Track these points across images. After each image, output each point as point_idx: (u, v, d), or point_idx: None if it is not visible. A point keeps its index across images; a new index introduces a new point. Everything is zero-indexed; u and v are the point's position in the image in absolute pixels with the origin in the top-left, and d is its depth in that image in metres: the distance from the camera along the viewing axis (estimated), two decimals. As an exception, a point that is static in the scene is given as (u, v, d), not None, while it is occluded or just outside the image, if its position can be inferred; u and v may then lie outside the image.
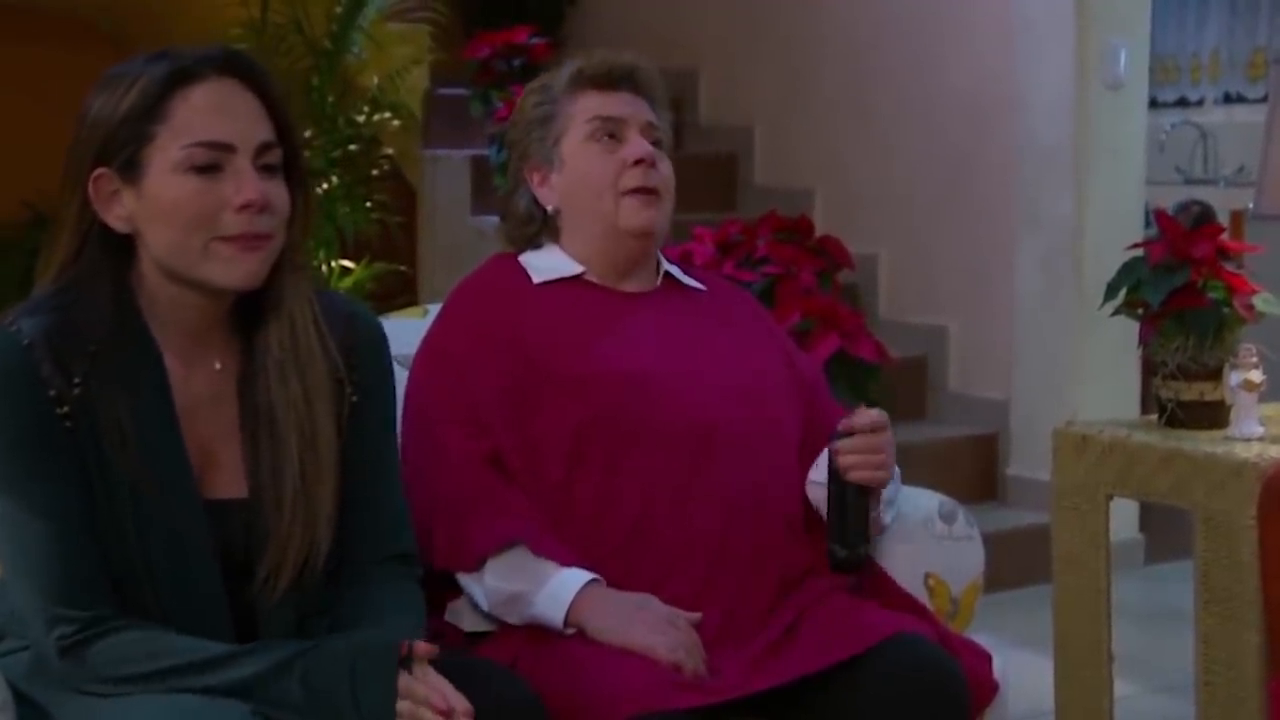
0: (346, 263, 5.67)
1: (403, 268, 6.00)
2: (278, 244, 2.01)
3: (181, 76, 1.96)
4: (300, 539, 2.01)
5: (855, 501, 2.40)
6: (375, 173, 5.83)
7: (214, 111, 1.96)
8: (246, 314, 2.06)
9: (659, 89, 2.60)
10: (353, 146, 5.73)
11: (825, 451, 2.45)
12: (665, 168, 2.55)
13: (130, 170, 1.96)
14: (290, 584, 2.01)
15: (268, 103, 2.01)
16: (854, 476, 2.40)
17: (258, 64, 2.02)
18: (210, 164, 1.95)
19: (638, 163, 2.50)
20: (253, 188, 1.96)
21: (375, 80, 5.89)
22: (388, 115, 5.85)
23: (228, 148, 1.96)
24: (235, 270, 1.98)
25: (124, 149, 1.95)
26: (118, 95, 1.96)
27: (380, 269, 5.74)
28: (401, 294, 5.74)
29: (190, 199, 1.95)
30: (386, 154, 5.94)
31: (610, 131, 2.53)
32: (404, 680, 1.91)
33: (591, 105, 2.54)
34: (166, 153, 1.95)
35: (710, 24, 6.86)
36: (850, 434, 2.41)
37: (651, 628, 2.26)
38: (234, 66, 1.99)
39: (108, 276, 1.98)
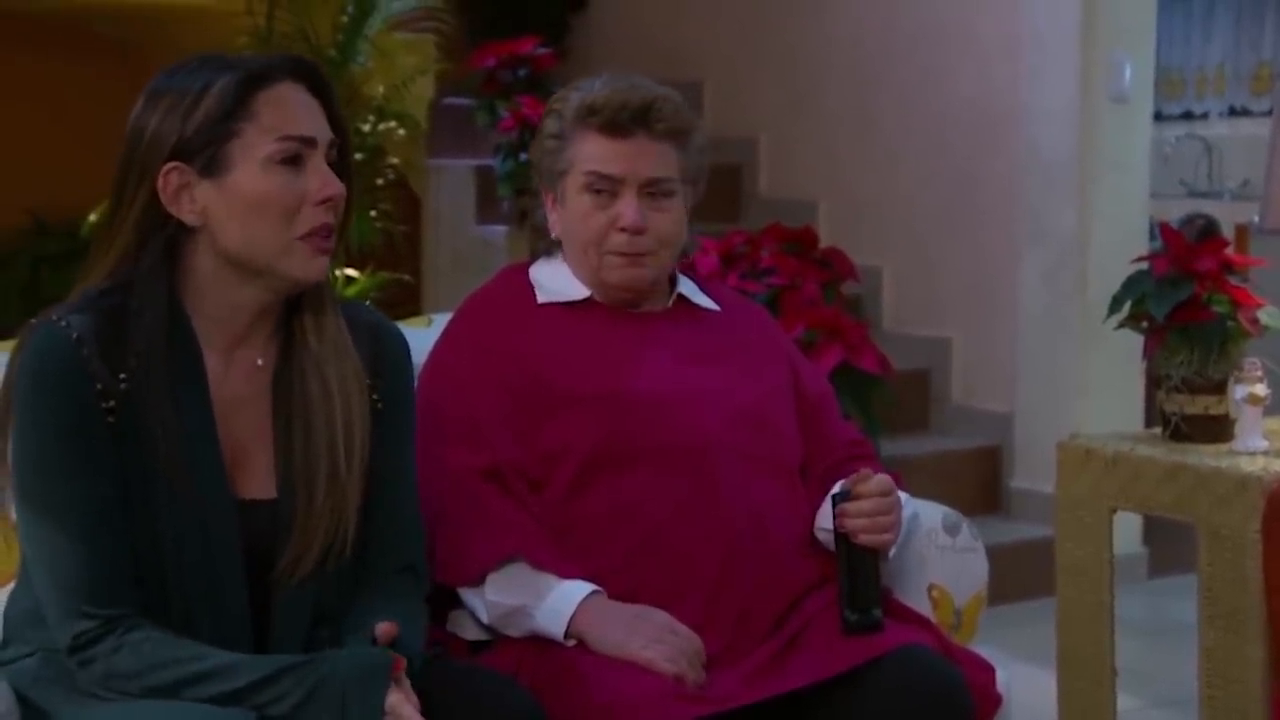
0: (351, 271, 5.67)
1: (407, 277, 5.99)
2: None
3: (259, 78, 2.03)
4: (326, 531, 2.04)
5: (863, 563, 2.38)
6: (380, 182, 5.84)
7: (297, 109, 2.05)
8: (287, 310, 2.10)
9: (681, 119, 2.48)
10: (358, 156, 5.72)
11: (830, 498, 2.44)
12: (662, 222, 2.46)
13: (212, 166, 2.01)
14: (309, 576, 2.04)
15: (326, 105, 2.09)
16: (861, 540, 2.39)
17: (321, 69, 2.12)
18: (296, 156, 2.03)
19: (625, 228, 2.45)
20: (334, 184, 2.05)
21: (381, 90, 5.90)
22: (393, 125, 5.85)
23: (311, 142, 2.04)
24: (312, 266, 2.05)
25: (207, 146, 2.00)
26: (189, 98, 2.01)
27: (384, 278, 5.74)
28: (406, 303, 5.74)
29: (277, 192, 2.02)
30: (391, 163, 5.94)
31: (604, 188, 2.46)
32: (391, 699, 1.92)
33: (593, 153, 2.46)
34: (255, 148, 2.01)
35: (715, 35, 6.86)
36: (854, 497, 2.40)
37: (652, 638, 2.26)
38: (301, 71, 2.07)
39: (164, 274, 2.02)
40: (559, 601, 2.30)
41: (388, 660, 1.94)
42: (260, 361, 2.09)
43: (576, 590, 2.31)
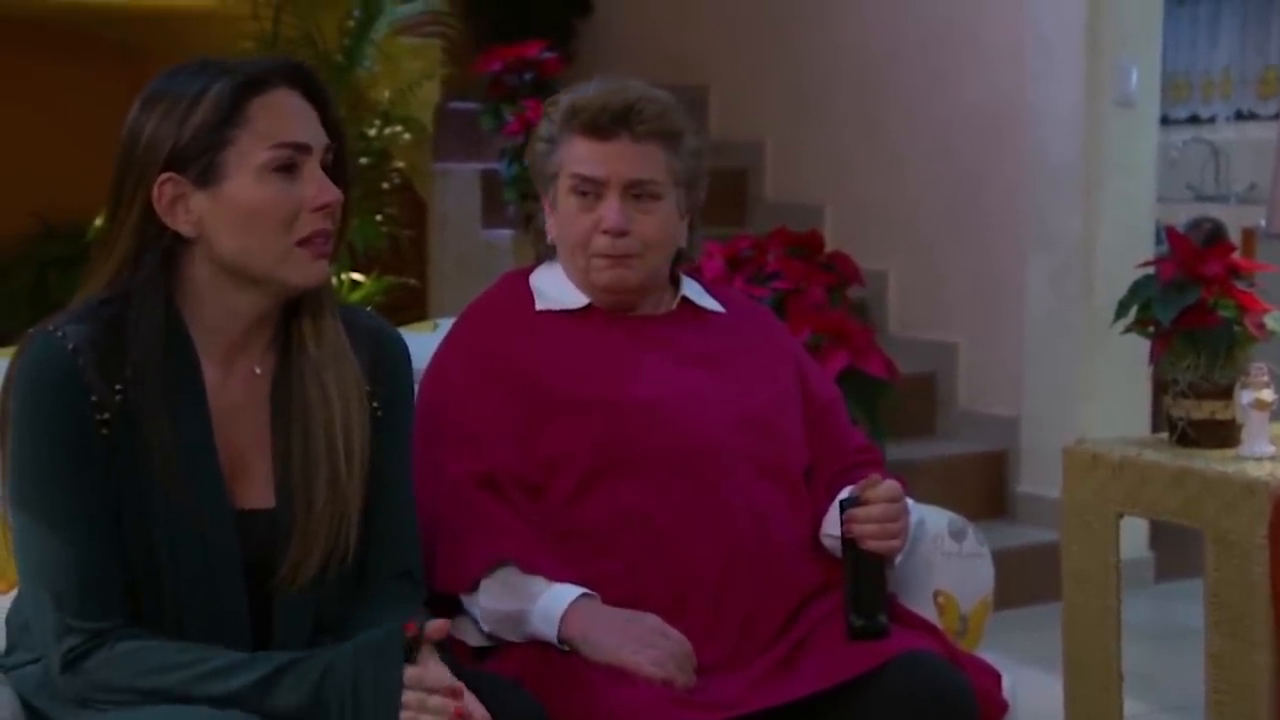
0: (356, 276, 5.67)
1: (412, 281, 6.00)
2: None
3: (254, 84, 2.02)
4: (327, 537, 2.03)
5: (869, 569, 2.37)
6: (386, 186, 5.83)
7: (291, 115, 2.03)
8: (285, 317, 2.09)
9: (666, 121, 2.46)
10: (363, 160, 5.72)
11: (837, 504, 2.43)
12: (647, 224, 2.45)
13: (207, 175, 1.99)
14: (310, 583, 2.03)
15: (321, 109, 2.07)
16: (870, 546, 2.38)
17: (316, 73, 2.10)
18: (290, 164, 2.01)
19: (607, 230, 2.45)
20: (330, 190, 2.03)
21: (386, 94, 5.89)
22: (399, 129, 5.84)
23: (305, 148, 2.03)
24: (312, 270, 2.04)
25: (201, 155, 1.99)
26: (185, 102, 2.00)
27: (390, 282, 5.73)
28: (411, 308, 5.74)
29: (272, 201, 2.00)
30: (397, 167, 5.94)
31: (588, 190, 2.46)
32: (411, 671, 1.92)
33: (577, 156, 2.46)
34: (249, 156, 2.00)
35: (721, 39, 6.86)
36: (863, 503, 2.39)
37: (643, 643, 2.25)
38: (296, 76, 2.06)
39: (161, 284, 2.01)
40: (550, 604, 2.29)
41: (399, 631, 1.93)
42: (258, 370, 2.08)
43: (566, 593, 2.30)
